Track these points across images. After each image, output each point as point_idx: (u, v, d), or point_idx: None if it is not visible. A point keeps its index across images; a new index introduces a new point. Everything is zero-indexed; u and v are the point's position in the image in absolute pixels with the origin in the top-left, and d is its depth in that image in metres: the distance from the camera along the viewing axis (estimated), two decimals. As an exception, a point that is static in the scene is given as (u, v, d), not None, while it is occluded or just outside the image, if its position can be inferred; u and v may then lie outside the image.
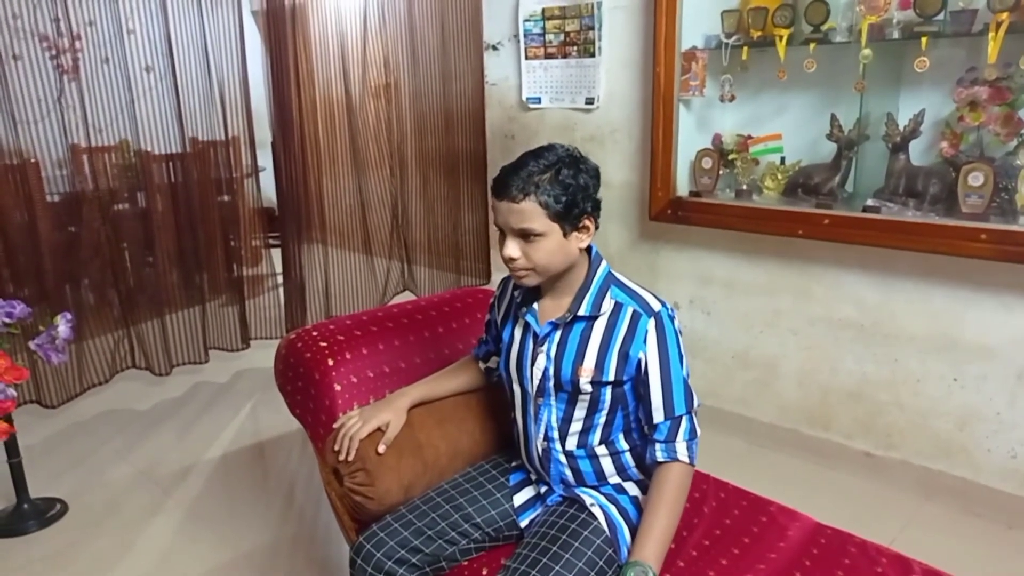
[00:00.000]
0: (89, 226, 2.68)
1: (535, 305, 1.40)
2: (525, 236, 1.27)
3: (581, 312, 1.34)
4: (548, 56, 2.99)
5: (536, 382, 1.38)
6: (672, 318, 1.33)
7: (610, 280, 1.36)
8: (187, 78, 2.81)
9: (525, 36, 3.05)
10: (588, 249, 1.37)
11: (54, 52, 2.48)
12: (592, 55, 2.84)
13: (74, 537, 2.24)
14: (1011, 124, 2.00)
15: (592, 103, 2.90)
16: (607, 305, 1.34)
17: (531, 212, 1.24)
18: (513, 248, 1.28)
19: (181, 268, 2.96)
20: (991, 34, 1.89)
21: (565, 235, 1.28)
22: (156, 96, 2.77)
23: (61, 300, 2.61)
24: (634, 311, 1.32)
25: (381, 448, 1.44)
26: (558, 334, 1.36)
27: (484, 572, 1.39)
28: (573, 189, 1.26)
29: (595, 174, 1.32)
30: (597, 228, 1.34)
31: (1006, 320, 2.10)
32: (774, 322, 2.58)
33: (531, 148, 1.32)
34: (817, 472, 2.50)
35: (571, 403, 1.36)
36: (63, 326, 2.13)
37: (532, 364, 1.39)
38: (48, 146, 2.52)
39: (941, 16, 2.00)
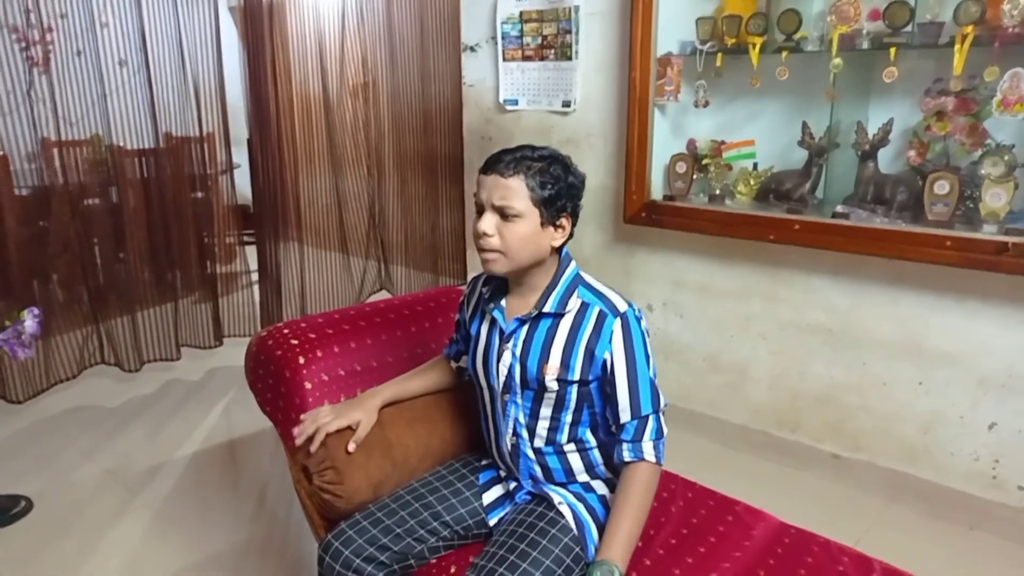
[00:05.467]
0: (59, 221, 2.65)
1: (503, 302, 1.41)
2: (503, 215, 1.28)
3: (547, 309, 1.35)
4: (526, 58, 3.00)
5: (502, 379, 1.39)
6: (639, 319, 1.35)
7: (578, 280, 1.38)
8: (161, 73, 2.79)
9: (503, 38, 3.06)
10: (558, 251, 1.38)
11: (24, 44, 2.44)
12: (569, 58, 2.85)
13: (38, 536, 2.20)
14: (976, 134, 2.05)
15: (569, 106, 2.91)
16: (573, 304, 1.35)
17: (517, 189, 1.27)
18: (489, 223, 1.29)
19: (153, 264, 2.94)
20: (957, 46, 1.93)
21: (542, 224, 1.30)
22: (129, 90, 2.74)
23: (28, 295, 2.58)
24: (600, 311, 1.34)
25: (351, 447, 1.43)
26: (524, 331, 1.37)
27: (452, 570, 1.39)
28: (561, 183, 1.30)
29: (581, 181, 1.36)
30: (571, 236, 1.36)
31: (970, 326, 2.15)
32: (745, 326, 2.61)
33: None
34: (786, 473, 2.53)
35: (537, 400, 1.38)
36: (30, 321, 2.10)
37: (498, 361, 1.39)
38: (17, 139, 2.49)
39: (909, 28, 2.05)
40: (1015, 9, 1.85)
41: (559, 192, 1.29)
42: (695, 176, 2.61)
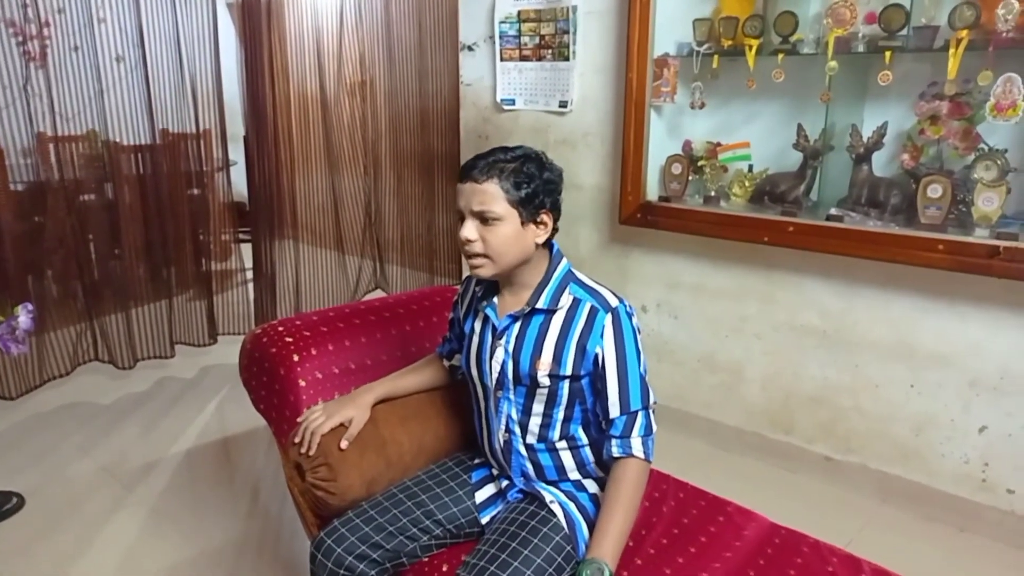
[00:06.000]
0: (54, 216, 2.64)
1: (495, 299, 1.42)
2: (484, 219, 1.30)
3: (539, 305, 1.36)
4: (523, 58, 3.01)
5: (495, 375, 1.40)
6: (630, 315, 1.36)
7: (569, 277, 1.39)
8: (158, 69, 2.79)
9: (500, 38, 3.06)
10: (549, 248, 1.39)
11: (21, 38, 2.44)
12: (566, 59, 2.86)
13: (31, 532, 2.20)
14: (969, 139, 2.06)
15: (565, 106, 2.92)
16: (565, 300, 1.36)
17: (492, 194, 1.29)
18: (471, 230, 1.31)
19: (148, 261, 2.93)
20: (951, 51, 1.94)
21: (523, 224, 1.31)
22: (126, 86, 2.74)
23: (23, 291, 2.57)
24: (592, 307, 1.35)
25: (343, 444, 1.44)
26: (516, 327, 1.38)
27: (445, 568, 1.40)
28: (536, 181, 1.31)
29: (559, 175, 1.37)
30: (556, 230, 1.38)
31: (961, 329, 2.16)
32: (740, 327, 2.62)
33: None
34: (779, 475, 2.54)
35: (530, 396, 1.38)
36: (24, 317, 2.10)
37: (491, 357, 1.40)
38: (13, 134, 2.48)
39: (904, 31, 2.06)
40: (1009, 14, 1.86)
41: (535, 190, 1.31)
42: (690, 177, 2.62)
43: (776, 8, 2.30)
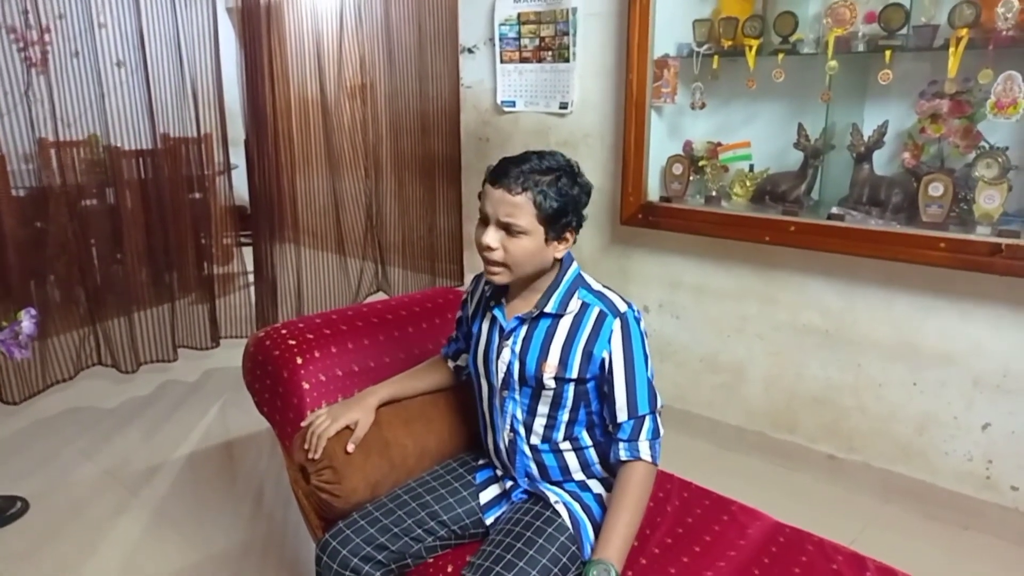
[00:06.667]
0: (56, 222, 2.64)
1: (504, 300, 1.42)
2: (508, 230, 1.28)
3: (548, 309, 1.36)
4: (523, 60, 3.01)
5: (501, 376, 1.40)
6: (638, 320, 1.36)
7: (579, 282, 1.39)
8: (159, 73, 2.79)
9: (500, 40, 3.07)
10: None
11: (22, 44, 2.44)
12: (566, 60, 2.86)
13: (35, 537, 2.20)
14: (970, 137, 2.06)
15: (566, 108, 2.92)
16: (574, 304, 1.36)
17: (523, 208, 1.26)
18: (493, 238, 1.29)
19: (150, 265, 2.93)
20: (951, 49, 1.94)
21: (546, 240, 1.30)
22: (127, 91, 2.74)
23: (25, 296, 2.58)
24: (600, 311, 1.35)
25: (350, 447, 1.44)
26: (524, 329, 1.38)
27: (449, 569, 1.40)
28: (568, 199, 1.29)
29: (588, 191, 1.35)
30: (574, 243, 1.36)
31: (963, 327, 2.16)
32: (741, 327, 2.62)
33: (506, 151, 1.34)
34: (782, 474, 2.54)
35: (535, 398, 1.39)
36: (27, 322, 2.10)
37: (497, 358, 1.41)
38: (14, 140, 2.48)
39: (904, 30, 2.06)
40: (1009, 12, 1.87)
41: (565, 209, 1.28)
42: (691, 178, 2.62)
43: (776, 8, 2.31)
